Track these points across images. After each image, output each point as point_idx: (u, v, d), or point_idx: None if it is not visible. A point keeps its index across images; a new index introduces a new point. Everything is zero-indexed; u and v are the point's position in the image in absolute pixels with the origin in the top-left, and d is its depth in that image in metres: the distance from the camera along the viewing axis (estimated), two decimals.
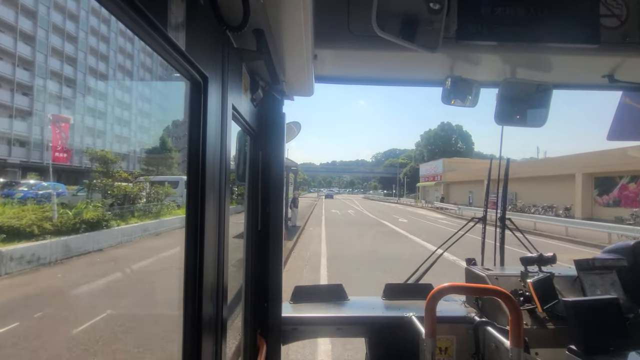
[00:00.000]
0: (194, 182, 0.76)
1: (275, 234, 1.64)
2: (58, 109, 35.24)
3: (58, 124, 9.17)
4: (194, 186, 0.76)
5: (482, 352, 1.65)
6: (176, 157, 21.65)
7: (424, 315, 1.32)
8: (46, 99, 34.15)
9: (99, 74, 39.36)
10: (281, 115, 1.62)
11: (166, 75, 40.40)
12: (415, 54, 1.19)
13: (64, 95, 36.28)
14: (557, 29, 1.16)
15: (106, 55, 40.63)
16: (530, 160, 32.40)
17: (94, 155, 11.22)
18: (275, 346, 1.66)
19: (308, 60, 1.22)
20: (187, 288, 0.76)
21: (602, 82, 1.53)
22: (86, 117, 35.09)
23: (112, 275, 6.31)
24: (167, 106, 42.76)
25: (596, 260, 1.70)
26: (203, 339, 0.77)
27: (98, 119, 36.11)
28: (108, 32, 41.52)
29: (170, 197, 12.24)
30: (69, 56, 37.04)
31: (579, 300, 1.46)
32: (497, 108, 1.60)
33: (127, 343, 3.78)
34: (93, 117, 35.74)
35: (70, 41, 37.76)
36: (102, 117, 36.70)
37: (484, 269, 1.92)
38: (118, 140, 37.97)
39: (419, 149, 78.02)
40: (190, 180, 0.77)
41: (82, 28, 39.10)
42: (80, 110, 36.10)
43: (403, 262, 9.11)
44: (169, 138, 25.63)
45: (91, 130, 34.80)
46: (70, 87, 36.96)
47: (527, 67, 1.49)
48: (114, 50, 41.85)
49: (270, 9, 0.93)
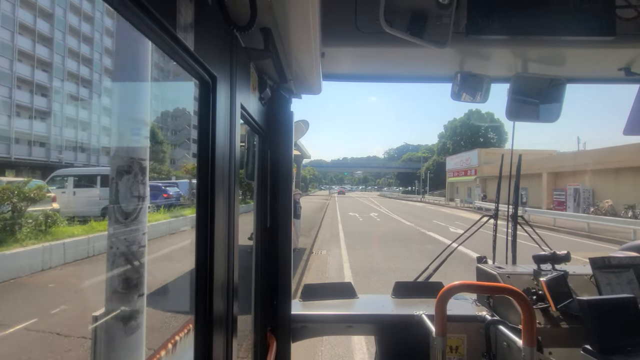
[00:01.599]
0: (203, 181, 0.78)
1: (284, 231, 1.65)
2: (75, 110, 36.25)
3: None
4: (203, 185, 0.78)
5: (493, 351, 1.63)
6: (168, 151, 21.07)
7: (434, 313, 1.31)
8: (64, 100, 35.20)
9: (108, 72, 40.17)
10: (289, 114, 1.62)
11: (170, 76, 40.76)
12: (424, 49, 1.17)
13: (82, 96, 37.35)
14: (570, 21, 1.13)
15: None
16: (606, 148, 23.74)
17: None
18: (285, 343, 1.68)
19: (316, 58, 1.22)
20: (198, 285, 0.77)
21: (618, 75, 1.49)
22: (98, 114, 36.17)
23: None
24: (176, 105, 43.32)
25: (612, 258, 1.66)
26: (214, 335, 0.79)
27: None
28: (118, 33, 42.17)
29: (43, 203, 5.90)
30: (84, 57, 38.09)
31: (594, 299, 1.43)
32: (508, 103, 1.57)
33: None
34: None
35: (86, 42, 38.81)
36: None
37: (495, 267, 1.89)
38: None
39: (442, 141, 68.35)
40: (200, 178, 0.78)
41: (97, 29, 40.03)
42: (97, 110, 37.13)
43: None
44: (158, 130, 25.19)
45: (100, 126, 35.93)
46: (86, 88, 37.97)
47: (540, 61, 1.45)
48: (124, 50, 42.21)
49: (278, 8, 0.93)
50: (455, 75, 1.54)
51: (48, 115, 33.45)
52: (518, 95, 1.56)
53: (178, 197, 15.41)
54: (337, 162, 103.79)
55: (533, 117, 1.60)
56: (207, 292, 0.78)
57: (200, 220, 0.77)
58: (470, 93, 1.56)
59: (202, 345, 0.77)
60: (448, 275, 6.62)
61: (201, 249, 0.77)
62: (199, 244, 0.77)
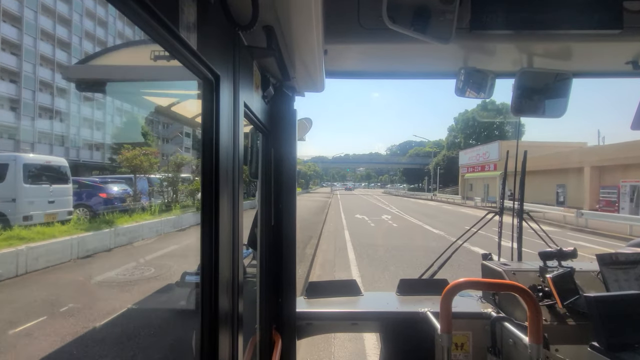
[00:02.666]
0: (208, 179, 0.78)
1: (288, 229, 1.66)
2: (91, 109, 36.50)
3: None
4: (208, 183, 0.78)
5: (499, 348, 1.63)
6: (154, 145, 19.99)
7: (440, 310, 1.31)
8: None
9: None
10: (292, 112, 1.62)
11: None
12: (428, 46, 1.17)
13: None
14: (576, 15, 1.12)
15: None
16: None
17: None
18: (290, 341, 1.68)
19: (318, 56, 1.21)
20: (203, 282, 0.78)
21: (625, 69, 1.47)
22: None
23: None
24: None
25: (620, 254, 1.64)
26: (220, 333, 0.80)
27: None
28: (123, 34, 42.61)
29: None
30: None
31: (601, 295, 1.42)
32: (513, 99, 1.55)
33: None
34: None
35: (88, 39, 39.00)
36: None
37: (500, 264, 1.88)
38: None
39: (452, 134, 62.26)
40: (204, 177, 0.78)
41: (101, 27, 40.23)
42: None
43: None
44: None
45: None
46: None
47: (545, 55, 1.43)
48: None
49: (280, 6, 0.93)
50: (460, 71, 1.53)
51: None
52: (523, 91, 1.54)
53: (123, 197, 12.00)
54: (339, 158, 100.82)
55: (539, 113, 1.59)
56: (213, 290, 0.78)
57: (205, 218, 0.78)
58: (474, 89, 1.55)
59: (207, 343, 0.78)
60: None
61: (206, 247, 0.78)
62: (204, 242, 0.78)
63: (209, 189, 0.78)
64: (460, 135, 57.92)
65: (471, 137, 55.27)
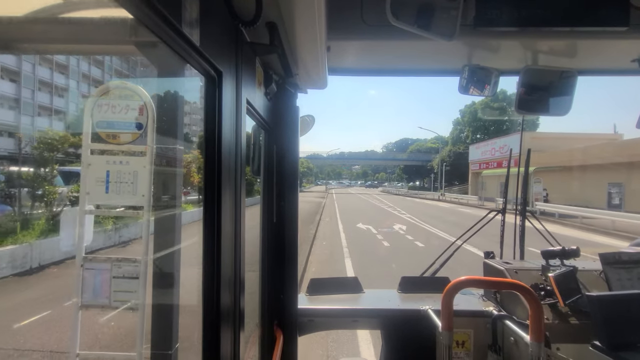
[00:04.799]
0: (210, 176, 0.78)
1: (290, 226, 1.66)
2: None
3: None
4: (210, 180, 0.78)
5: (500, 346, 1.63)
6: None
7: (441, 308, 1.31)
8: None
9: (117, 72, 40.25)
10: (295, 109, 1.62)
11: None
12: (431, 43, 1.16)
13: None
14: (582, 11, 1.10)
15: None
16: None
17: None
18: (291, 337, 1.69)
19: (321, 53, 1.21)
20: (205, 279, 0.78)
21: (631, 67, 1.45)
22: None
23: None
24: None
25: (623, 253, 1.63)
26: (221, 329, 0.80)
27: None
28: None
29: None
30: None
31: (604, 294, 1.41)
32: (517, 96, 1.54)
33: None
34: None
35: None
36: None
37: (502, 263, 1.88)
38: None
39: (458, 128, 57.97)
40: (206, 173, 0.78)
41: None
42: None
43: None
44: None
45: None
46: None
47: (550, 53, 1.42)
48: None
49: (283, 2, 0.92)
50: (463, 69, 1.52)
51: None
52: (528, 88, 1.53)
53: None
54: (334, 155, 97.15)
55: (543, 110, 1.58)
56: (215, 286, 0.78)
57: (207, 215, 0.78)
58: (478, 86, 1.54)
59: (209, 339, 0.78)
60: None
61: (208, 244, 0.78)
62: (206, 239, 0.78)
63: (212, 185, 0.78)
64: (467, 129, 54.28)
65: (479, 130, 52.01)
